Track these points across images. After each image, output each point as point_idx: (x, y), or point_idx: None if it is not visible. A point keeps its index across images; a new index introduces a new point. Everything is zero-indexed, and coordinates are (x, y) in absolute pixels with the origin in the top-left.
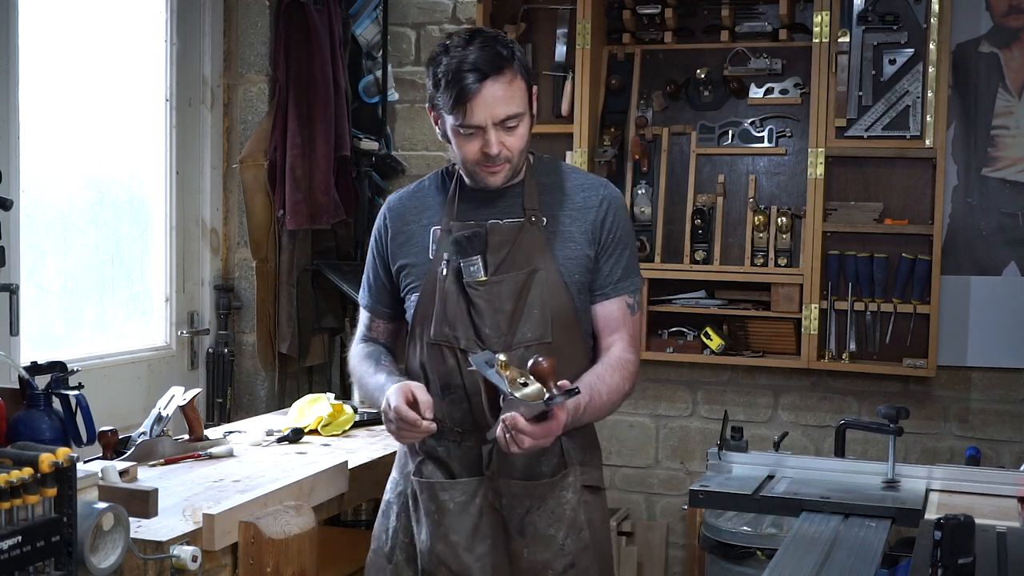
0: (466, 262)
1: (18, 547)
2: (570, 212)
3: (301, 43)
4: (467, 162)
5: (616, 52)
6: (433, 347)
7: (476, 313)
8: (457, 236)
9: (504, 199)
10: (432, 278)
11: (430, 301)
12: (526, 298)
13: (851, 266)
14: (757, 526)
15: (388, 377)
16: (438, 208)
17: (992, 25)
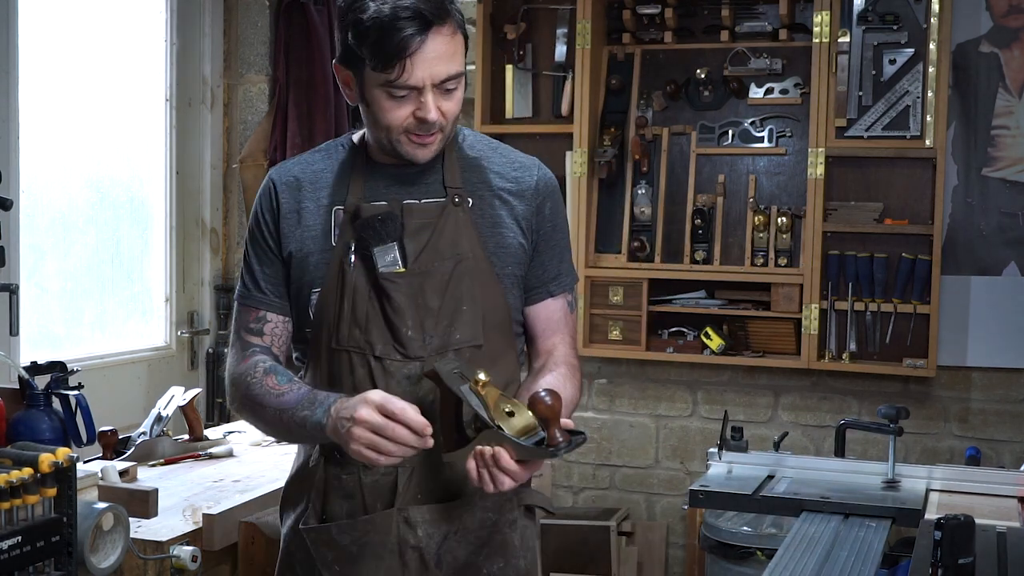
0: (380, 250)
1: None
2: (500, 194)
3: (301, 43)
4: (392, 130)
5: (616, 52)
6: (340, 354)
7: (394, 311)
8: (367, 218)
9: (422, 177)
10: (336, 269)
11: (334, 298)
12: (453, 292)
13: (851, 266)
14: (757, 526)
15: (329, 394)
16: (339, 185)
17: (992, 25)
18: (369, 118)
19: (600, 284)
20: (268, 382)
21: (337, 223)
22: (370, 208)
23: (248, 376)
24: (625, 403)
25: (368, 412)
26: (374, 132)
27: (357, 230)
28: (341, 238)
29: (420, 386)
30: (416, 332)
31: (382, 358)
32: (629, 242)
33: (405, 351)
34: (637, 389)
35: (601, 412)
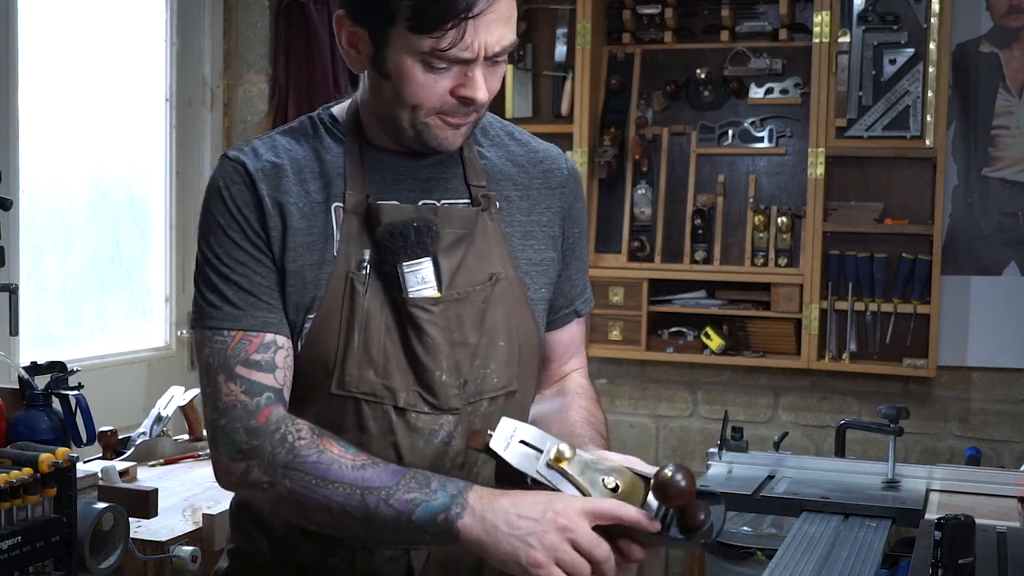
0: (411, 268)
1: (18, 547)
2: (527, 193)
3: (301, 43)
4: (422, 110)
5: (616, 52)
6: (344, 402)
7: (425, 349)
8: (396, 225)
9: (440, 171)
10: (340, 289)
11: (339, 326)
12: (489, 324)
13: (851, 266)
14: (757, 526)
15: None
16: (332, 175)
17: (992, 25)
18: (385, 92)
19: (600, 284)
20: (331, 449)
21: (339, 226)
22: (394, 210)
23: (286, 439)
24: (625, 403)
25: (585, 525)
26: (390, 110)
27: (381, 239)
28: (345, 246)
29: (451, 447)
30: (451, 376)
31: (406, 409)
32: (629, 242)
33: (437, 401)
34: (637, 389)
35: None
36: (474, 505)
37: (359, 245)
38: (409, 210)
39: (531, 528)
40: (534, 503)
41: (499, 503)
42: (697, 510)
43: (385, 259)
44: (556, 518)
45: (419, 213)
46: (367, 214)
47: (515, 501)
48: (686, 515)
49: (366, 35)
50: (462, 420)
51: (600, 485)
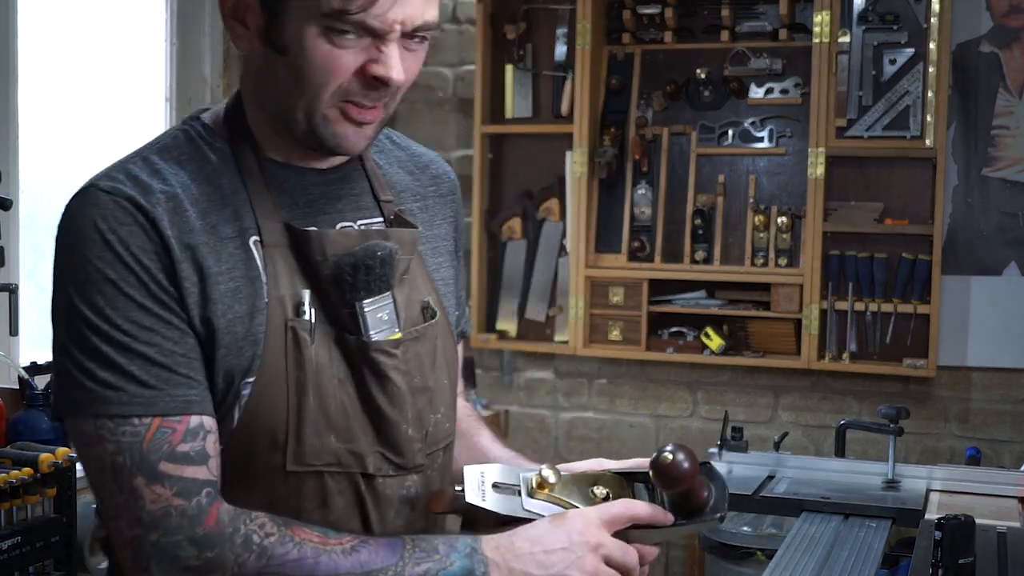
0: (372, 306)
1: (18, 547)
2: (425, 204)
3: None
4: (322, 96)
5: (616, 52)
6: (302, 480)
7: (390, 400)
8: (351, 256)
9: (346, 185)
10: (281, 341)
11: (285, 388)
12: (438, 362)
13: (851, 266)
14: (757, 526)
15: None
16: (233, 202)
17: (992, 25)
18: (279, 74)
19: (600, 284)
20: (308, 538)
21: (264, 265)
22: (340, 237)
23: (250, 540)
24: (625, 403)
25: (608, 536)
26: (284, 99)
27: (339, 274)
28: (275, 290)
29: (416, 512)
30: (416, 428)
31: (374, 475)
32: (629, 242)
33: (402, 459)
34: (637, 389)
35: (601, 412)
36: (495, 558)
37: (291, 285)
38: (355, 236)
39: (566, 559)
40: (552, 531)
41: (518, 546)
42: (700, 488)
43: (339, 298)
44: (584, 539)
45: (366, 238)
46: (297, 246)
47: (532, 538)
48: (690, 497)
49: (256, 1)
50: (423, 477)
51: (590, 498)
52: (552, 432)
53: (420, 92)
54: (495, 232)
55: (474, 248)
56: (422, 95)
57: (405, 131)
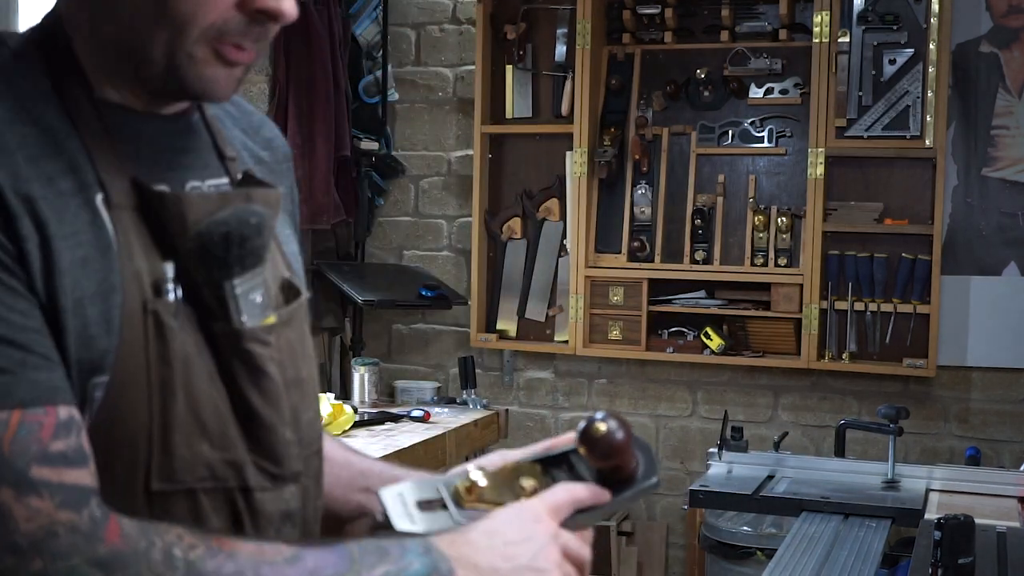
0: (244, 285)
1: None
2: (266, 167)
3: (301, 43)
4: (194, 29)
5: (616, 52)
6: (171, 500)
7: (265, 398)
8: (219, 224)
9: (191, 140)
10: (137, 329)
11: (145, 389)
12: (308, 348)
13: (851, 266)
14: (757, 526)
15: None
16: (68, 151)
17: (992, 25)
18: (133, 1)
19: (600, 284)
20: (239, 548)
21: (118, 231)
22: (202, 201)
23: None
24: (625, 403)
25: (564, 530)
26: (137, 34)
27: (208, 246)
28: (129, 262)
29: (295, 530)
30: (292, 430)
31: (252, 489)
32: (629, 242)
33: (280, 468)
34: (637, 389)
35: None
36: (455, 555)
37: (147, 257)
38: (215, 199)
39: (529, 550)
40: (508, 523)
41: (475, 540)
42: (630, 458)
43: (204, 276)
44: (542, 528)
45: (227, 202)
46: (149, 209)
47: (488, 531)
48: (620, 467)
49: None
50: (301, 488)
51: (520, 492)
52: (552, 432)
53: (420, 92)
54: (495, 232)
55: (474, 248)
56: (422, 95)
57: (407, 130)
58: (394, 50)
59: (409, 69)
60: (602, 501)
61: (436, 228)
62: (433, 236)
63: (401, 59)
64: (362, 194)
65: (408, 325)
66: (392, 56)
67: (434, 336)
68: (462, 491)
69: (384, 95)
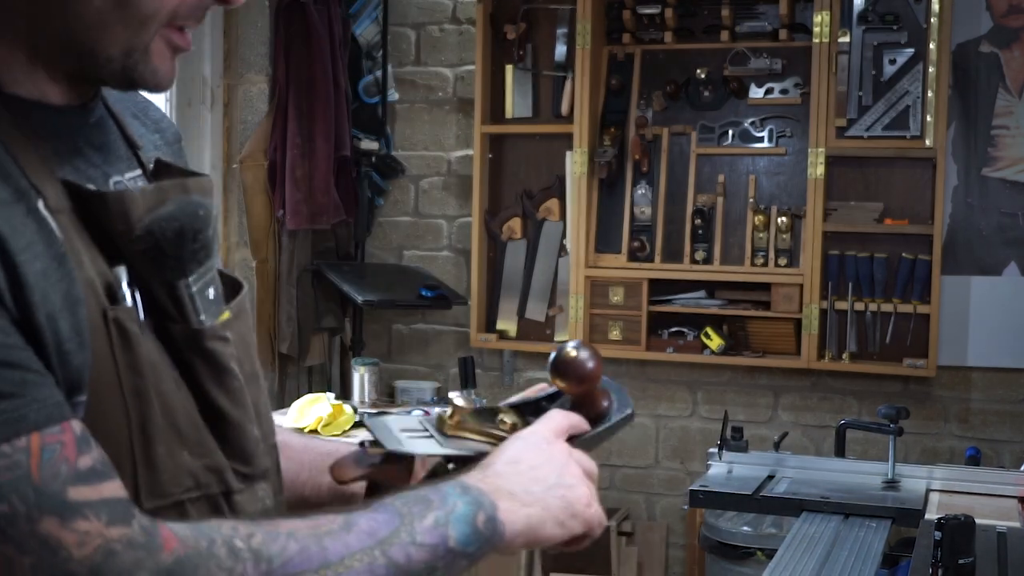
0: (199, 282)
1: None
2: (161, 155)
3: (301, 43)
4: (156, 18)
5: (616, 52)
6: (161, 515)
7: (231, 397)
8: (169, 219)
9: (104, 133)
10: (102, 341)
11: (120, 402)
12: (254, 340)
13: (851, 266)
14: (757, 526)
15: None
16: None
17: (992, 25)
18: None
19: (600, 284)
20: (295, 526)
21: (65, 237)
22: (144, 197)
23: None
24: None
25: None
26: (92, 34)
27: (163, 244)
28: (80, 270)
29: None
30: (258, 426)
31: (232, 492)
32: (629, 242)
33: (251, 467)
34: (637, 389)
35: None
36: (489, 488)
37: (95, 263)
38: (152, 194)
39: (556, 470)
40: (524, 450)
41: (502, 471)
42: (600, 395)
43: (156, 276)
44: (558, 449)
45: (163, 194)
46: (88, 210)
47: (509, 459)
48: (592, 402)
49: None
50: (270, 483)
51: (501, 427)
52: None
53: (420, 92)
54: (495, 232)
55: (474, 248)
56: (422, 95)
57: (407, 130)
58: (394, 50)
59: (409, 69)
60: (584, 431)
61: (436, 228)
62: (433, 236)
63: (401, 59)
64: (362, 194)
65: (408, 325)
66: (392, 56)
67: (434, 336)
68: (445, 419)
69: (384, 95)
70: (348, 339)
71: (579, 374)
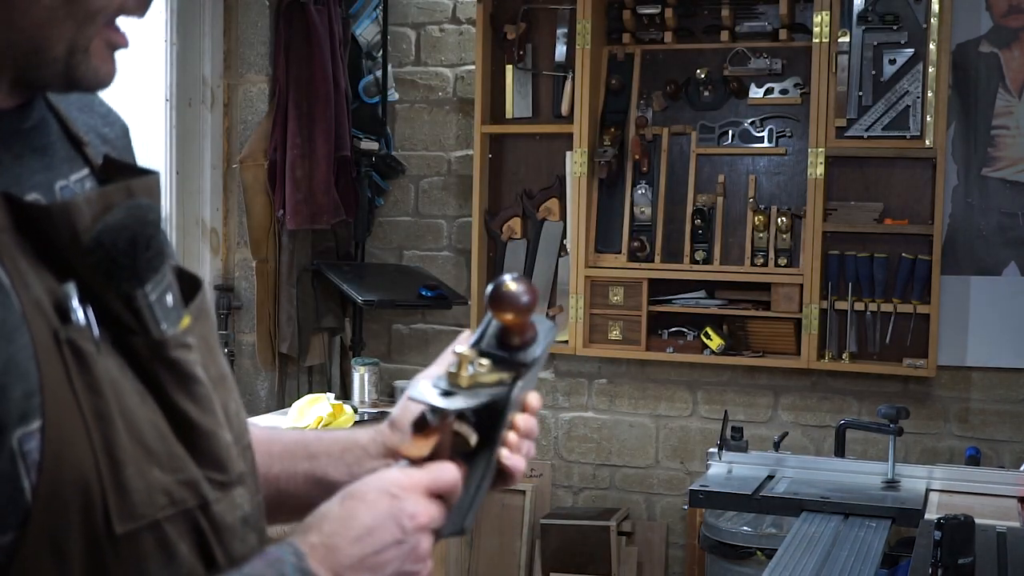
0: (157, 290)
1: None
2: (110, 149)
3: (301, 43)
4: (96, 21)
5: (616, 52)
6: (137, 539)
7: (198, 405)
8: (118, 228)
9: (46, 135)
10: (54, 364)
11: (82, 427)
12: (217, 339)
13: (851, 266)
14: (757, 526)
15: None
16: None
17: (992, 25)
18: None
19: (600, 284)
20: None
21: (5, 258)
22: (87, 204)
23: None
24: (625, 403)
25: (426, 504)
26: (34, 33)
27: (114, 255)
28: (26, 291)
29: (255, 533)
30: (229, 431)
31: (209, 503)
32: (629, 242)
33: (225, 475)
34: (637, 389)
35: (601, 412)
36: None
37: (43, 281)
38: (97, 200)
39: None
40: (379, 521)
41: (343, 550)
42: (528, 328)
43: (110, 288)
44: (415, 523)
45: (109, 199)
46: (29, 225)
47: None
48: (521, 330)
49: None
50: (247, 488)
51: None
52: (552, 432)
53: (420, 92)
54: (495, 232)
55: (474, 248)
56: (422, 95)
57: (407, 130)
58: (394, 50)
59: (409, 69)
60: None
61: (436, 228)
62: (433, 236)
63: (401, 59)
64: (362, 194)
65: (408, 325)
66: (392, 56)
67: (434, 336)
68: (457, 372)
69: (384, 95)
70: (348, 339)
71: (515, 305)
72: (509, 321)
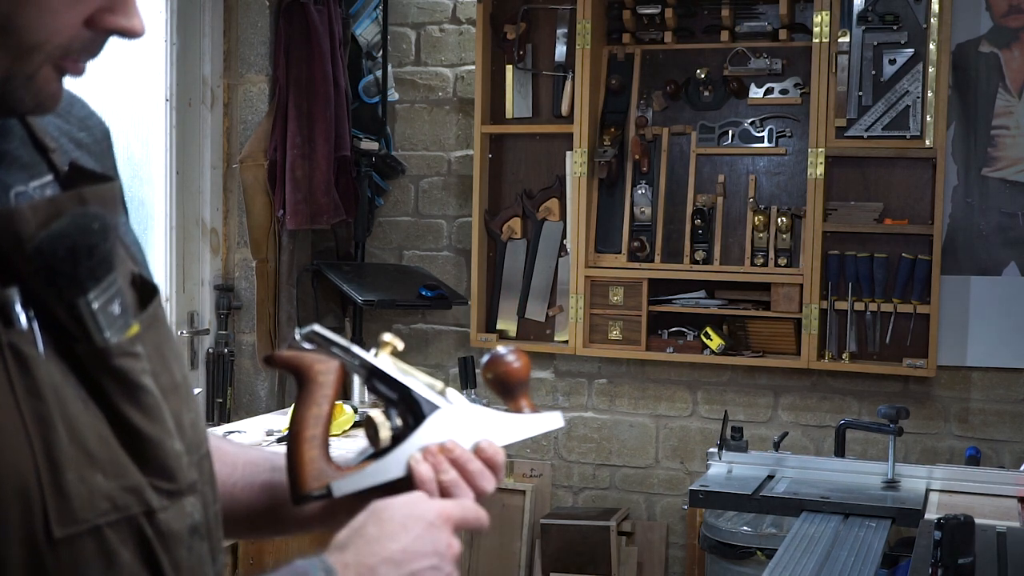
0: (102, 298)
1: None
2: (85, 153)
3: (301, 43)
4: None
5: (616, 52)
6: (77, 544)
7: (145, 414)
8: (60, 234)
9: (4, 140)
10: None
11: (20, 429)
12: (175, 346)
13: (851, 266)
14: (757, 526)
15: None
16: None
17: (992, 25)
18: None
19: (600, 284)
20: None
21: None
22: (32, 210)
23: None
24: (625, 403)
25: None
26: None
27: (55, 263)
28: None
29: (205, 543)
30: (180, 440)
31: (155, 511)
32: (629, 242)
33: (175, 483)
34: (637, 389)
35: (601, 412)
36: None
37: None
38: (43, 207)
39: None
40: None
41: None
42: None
43: (53, 296)
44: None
45: (59, 207)
46: None
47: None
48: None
49: None
50: (200, 497)
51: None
52: (552, 432)
53: (420, 92)
54: (495, 232)
55: (474, 248)
56: (422, 95)
57: (407, 130)
58: (394, 50)
59: (409, 69)
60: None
61: (436, 228)
62: (433, 236)
63: (401, 59)
64: (362, 194)
65: (408, 325)
66: (392, 56)
67: (434, 336)
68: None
69: (384, 95)
70: (348, 339)
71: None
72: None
